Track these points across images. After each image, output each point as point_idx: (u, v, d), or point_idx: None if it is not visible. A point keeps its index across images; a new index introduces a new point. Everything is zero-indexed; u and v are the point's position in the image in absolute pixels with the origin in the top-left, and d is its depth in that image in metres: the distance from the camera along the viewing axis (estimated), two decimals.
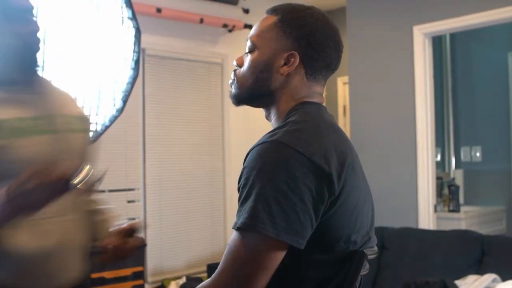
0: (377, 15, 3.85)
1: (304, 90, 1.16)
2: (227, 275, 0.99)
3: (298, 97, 1.15)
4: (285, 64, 1.13)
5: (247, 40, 1.20)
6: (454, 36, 4.60)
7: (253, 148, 1.04)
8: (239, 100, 1.21)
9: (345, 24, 4.09)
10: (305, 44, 1.12)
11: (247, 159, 1.03)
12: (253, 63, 1.16)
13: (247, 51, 1.19)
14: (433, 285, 2.79)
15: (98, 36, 2.88)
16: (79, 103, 2.87)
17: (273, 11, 1.17)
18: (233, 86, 1.21)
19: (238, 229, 0.99)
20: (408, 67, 3.67)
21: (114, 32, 2.93)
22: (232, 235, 1.00)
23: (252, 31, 1.19)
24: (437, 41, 4.37)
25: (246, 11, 4.46)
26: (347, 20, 4.04)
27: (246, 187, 1.00)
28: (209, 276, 3.51)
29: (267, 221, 0.96)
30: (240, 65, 1.20)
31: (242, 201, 1.00)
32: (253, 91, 1.17)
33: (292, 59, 1.12)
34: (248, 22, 4.37)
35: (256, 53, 1.16)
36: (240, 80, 1.19)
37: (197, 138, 4.25)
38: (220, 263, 1.01)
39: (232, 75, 1.22)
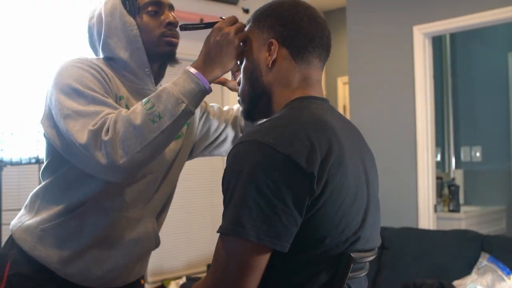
0: (377, 15, 3.85)
1: (296, 75, 1.15)
2: (218, 276, 1.00)
3: (293, 87, 1.15)
4: (268, 55, 1.15)
5: None
6: (454, 36, 4.60)
7: (234, 146, 1.02)
8: (248, 113, 1.22)
9: (345, 24, 4.09)
10: (279, 28, 1.14)
11: (227, 160, 1.02)
12: (244, 71, 1.20)
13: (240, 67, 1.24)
14: (432, 286, 2.79)
15: None
16: None
17: (247, 21, 1.23)
18: (240, 103, 1.24)
19: (221, 233, 0.99)
20: (408, 67, 3.67)
21: None
22: (218, 239, 1.00)
23: None
24: (437, 41, 4.37)
25: (246, 11, 4.45)
26: (347, 20, 4.04)
27: (228, 190, 0.99)
28: None
29: (248, 225, 0.95)
30: (239, 81, 1.23)
31: (225, 205, 1.00)
32: (252, 95, 1.18)
33: (272, 47, 1.14)
34: None
35: (244, 61, 1.20)
36: (242, 92, 1.21)
37: None
38: (211, 265, 1.02)
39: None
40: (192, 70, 1.23)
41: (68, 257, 1.36)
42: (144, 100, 1.21)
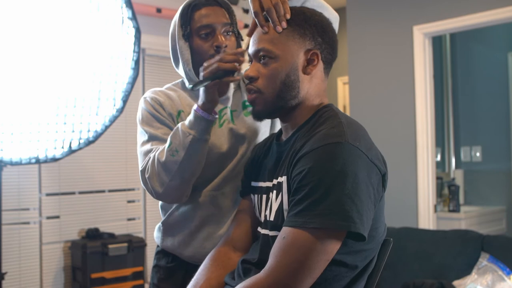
0: (377, 15, 3.85)
1: (322, 85, 1.24)
2: (287, 268, 1.03)
3: (318, 93, 1.22)
4: (308, 63, 1.18)
5: (253, 51, 1.21)
6: (454, 36, 4.60)
7: (323, 146, 1.05)
8: (262, 114, 1.22)
9: (345, 24, 4.09)
10: (321, 41, 1.18)
11: (315, 157, 1.05)
12: (277, 71, 1.17)
13: (259, 61, 1.19)
14: (432, 286, 2.79)
15: (98, 36, 2.89)
16: (79, 103, 2.88)
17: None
18: (256, 102, 1.21)
19: (315, 228, 1.02)
20: (408, 67, 3.67)
21: (114, 32, 2.94)
22: (298, 233, 1.02)
23: (259, 42, 1.19)
24: (437, 41, 4.37)
25: (246, 11, 4.46)
26: (347, 20, 4.04)
27: (319, 187, 1.02)
28: None
29: (357, 220, 1.02)
30: (256, 76, 1.20)
31: (314, 201, 1.02)
32: (282, 98, 1.18)
33: (315, 57, 1.18)
34: (248, 22, 4.37)
35: (277, 61, 1.17)
36: (266, 91, 1.19)
37: None
38: (279, 257, 1.04)
39: (248, 92, 1.22)
40: (194, 105, 1.42)
41: (183, 241, 1.57)
42: (168, 138, 1.45)
